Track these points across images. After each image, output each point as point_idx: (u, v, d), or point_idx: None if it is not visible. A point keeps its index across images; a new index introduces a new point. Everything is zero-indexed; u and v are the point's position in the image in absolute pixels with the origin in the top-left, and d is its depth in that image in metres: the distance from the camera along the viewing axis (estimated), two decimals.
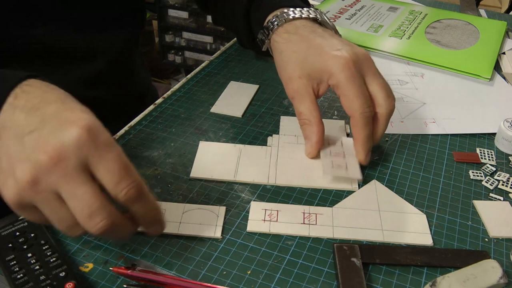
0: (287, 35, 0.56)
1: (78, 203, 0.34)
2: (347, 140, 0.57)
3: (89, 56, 0.64)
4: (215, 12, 0.77)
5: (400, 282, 0.43)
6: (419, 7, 1.00)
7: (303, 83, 0.53)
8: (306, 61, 0.53)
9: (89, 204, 0.34)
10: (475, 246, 0.47)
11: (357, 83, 0.51)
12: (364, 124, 0.51)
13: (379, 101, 0.52)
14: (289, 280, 0.43)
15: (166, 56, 2.38)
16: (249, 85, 0.71)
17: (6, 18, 0.54)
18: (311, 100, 0.53)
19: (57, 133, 0.34)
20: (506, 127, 0.60)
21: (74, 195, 0.34)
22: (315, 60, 0.53)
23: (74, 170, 0.34)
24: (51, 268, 0.40)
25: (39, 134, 0.34)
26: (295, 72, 0.54)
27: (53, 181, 0.34)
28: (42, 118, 0.35)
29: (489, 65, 0.78)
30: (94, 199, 0.34)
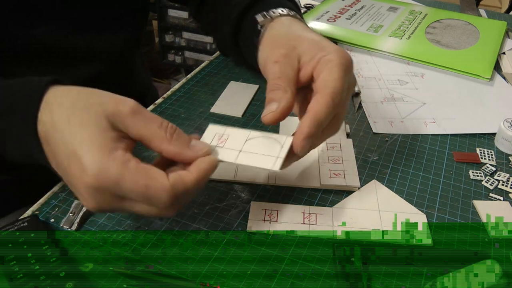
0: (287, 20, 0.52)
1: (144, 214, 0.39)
2: (346, 142, 0.57)
3: (89, 56, 0.64)
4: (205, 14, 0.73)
5: (400, 282, 0.43)
6: (419, 7, 1.00)
7: (295, 53, 0.46)
8: (306, 38, 0.47)
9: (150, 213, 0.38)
10: (475, 246, 0.47)
11: (347, 78, 0.45)
12: (328, 104, 0.42)
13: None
14: (289, 280, 0.43)
15: (166, 56, 2.38)
16: (249, 85, 0.71)
17: (6, 18, 0.54)
18: (294, 71, 0.45)
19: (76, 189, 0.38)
20: (506, 127, 0.60)
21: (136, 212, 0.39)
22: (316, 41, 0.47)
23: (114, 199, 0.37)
24: (51, 268, 0.40)
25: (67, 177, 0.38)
26: (291, 42, 0.47)
27: (112, 208, 0.38)
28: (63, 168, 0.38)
29: (489, 65, 0.78)
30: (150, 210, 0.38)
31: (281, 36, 0.49)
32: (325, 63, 0.44)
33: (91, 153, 0.35)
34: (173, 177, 0.37)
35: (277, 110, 0.42)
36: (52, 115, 0.38)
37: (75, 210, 0.47)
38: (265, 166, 0.41)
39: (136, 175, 0.35)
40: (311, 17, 0.93)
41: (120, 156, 0.36)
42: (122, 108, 0.37)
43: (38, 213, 0.48)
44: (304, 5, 1.02)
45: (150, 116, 0.39)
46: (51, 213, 0.48)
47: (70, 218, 0.46)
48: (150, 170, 0.37)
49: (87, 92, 0.39)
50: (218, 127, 0.45)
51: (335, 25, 0.90)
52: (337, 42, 0.86)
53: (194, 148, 0.40)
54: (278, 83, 0.44)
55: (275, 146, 0.42)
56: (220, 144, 0.43)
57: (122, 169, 0.35)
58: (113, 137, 0.37)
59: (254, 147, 0.42)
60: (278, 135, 0.43)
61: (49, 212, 0.48)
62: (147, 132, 0.38)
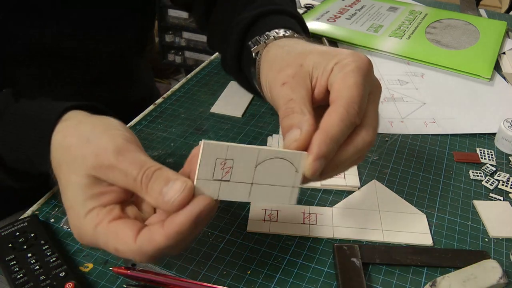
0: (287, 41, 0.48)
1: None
2: None
3: (90, 57, 0.64)
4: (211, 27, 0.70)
5: (400, 282, 0.43)
6: (419, 7, 1.00)
7: (304, 71, 0.40)
8: (312, 51, 0.42)
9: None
10: (475, 246, 0.47)
11: (367, 84, 0.39)
12: (342, 117, 0.36)
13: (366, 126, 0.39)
14: (289, 280, 0.43)
15: (166, 56, 2.38)
16: None
17: (6, 18, 0.54)
18: (308, 90, 0.39)
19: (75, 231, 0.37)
20: (506, 127, 0.60)
21: None
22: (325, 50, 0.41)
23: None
24: (51, 268, 0.40)
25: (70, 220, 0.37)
26: (296, 60, 0.41)
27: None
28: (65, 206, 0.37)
29: (489, 65, 0.78)
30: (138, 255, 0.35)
31: (282, 58, 0.43)
32: (339, 70, 0.38)
33: (71, 214, 0.36)
34: (141, 237, 0.34)
35: (302, 136, 0.36)
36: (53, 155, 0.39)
37: None
38: (281, 201, 0.36)
39: (106, 237, 0.34)
40: (311, 17, 0.93)
41: (93, 218, 0.35)
42: (101, 161, 0.35)
43: (38, 213, 0.48)
44: (304, 5, 1.02)
45: (129, 165, 0.34)
46: (51, 213, 0.48)
47: None
48: (119, 231, 0.34)
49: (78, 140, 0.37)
50: (216, 147, 0.34)
51: (335, 25, 0.90)
52: (337, 42, 0.86)
53: (166, 196, 0.33)
54: (291, 106, 0.38)
55: (290, 170, 0.36)
56: (225, 177, 0.35)
57: (93, 233, 0.35)
58: (92, 195, 0.35)
59: (266, 175, 0.35)
60: (292, 152, 0.35)
61: (49, 212, 0.48)
62: (126, 186, 0.35)
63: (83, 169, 0.35)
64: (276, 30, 0.48)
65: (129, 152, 0.35)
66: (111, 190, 0.36)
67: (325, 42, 0.84)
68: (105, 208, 0.35)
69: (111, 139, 0.36)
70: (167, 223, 0.33)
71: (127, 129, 0.38)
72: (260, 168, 0.35)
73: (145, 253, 0.34)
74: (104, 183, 0.36)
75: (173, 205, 0.33)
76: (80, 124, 0.39)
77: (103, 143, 0.36)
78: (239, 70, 0.56)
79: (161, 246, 0.33)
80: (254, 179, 0.35)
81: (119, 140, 0.36)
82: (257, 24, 0.53)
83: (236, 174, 0.35)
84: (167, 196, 0.33)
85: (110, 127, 0.37)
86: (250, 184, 0.35)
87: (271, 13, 0.54)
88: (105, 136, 0.36)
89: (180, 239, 0.33)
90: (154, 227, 0.34)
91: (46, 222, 0.47)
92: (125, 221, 0.35)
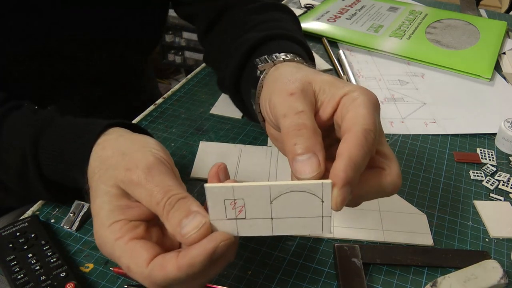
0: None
1: None
2: None
3: (90, 57, 0.64)
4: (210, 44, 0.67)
5: (401, 282, 0.43)
6: (419, 7, 1.00)
7: (311, 89, 0.39)
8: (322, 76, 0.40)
9: None
10: (476, 246, 0.47)
11: (378, 119, 0.37)
12: (362, 143, 0.34)
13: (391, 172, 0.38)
14: (289, 280, 0.43)
15: (166, 56, 2.38)
16: None
17: (6, 18, 0.54)
18: (313, 108, 0.38)
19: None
20: (507, 127, 0.60)
21: None
22: (333, 80, 0.40)
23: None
24: (52, 269, 0.40)
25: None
26: (306, 78, 0.40)
27: None
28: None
29: (489, 65, 0.78)
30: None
31: (291, 73, 0.41)
32: (349, 102, 0.37)
33: (95, 222, 0.36)
34: (153, 262, 0.33)
35: (322, 167, 0.34)
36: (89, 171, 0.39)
37: (75, 210, 0.47)
38: (313, 231, 0.34)
39: (122, 253, 0.34)
40: (311, 17, 0.93)
41: (115, 231, 0.35)
42: (130, 176, 0.35)
43: (39, 214, 0.48)
44: (304, 5, 1.02)
45: (155, 187, 0.35)
46: (52, 213, 0.48)
47: (70, 218, 0.46)
48: (135, 251, 0.34)
49: (114, 153, 0.38)
50: (221, 189, 0.32)
51: (335, 25, 0.90)
52: (337, 42, 0.86)
53: (184, 229, 0.33)
54: (303, 120, 0.35)
55: (313, 201, 0.33)
56: (240, 215, 0.33)
57: (112, 245, 0.35)
58: (119, 206, 0.36)
59: (287, 209, 0.33)
60: (310, 183, 0.32)
61: (50, 213, 0.48)
62: (149, 207, 0.35)
63: (113, 180, 0.36)
64: (285, 54, 0.47)
65: (159, 174, 0.35)
66: (139, 205, 0.36)
67: (325, 42, 0.84)
68: (130, 224, 0.35)
69: (144, 156, 0.36)
70: (181, 254, 0.32)
71: (164, 150, 0.39)
72: (277, 203, 0.33)
73: (154, 280, 0.33)
74: (132, 198, 0.36)
75: (188, 240, 0.33)
76: (119, 138, 0.40)
77: (136, 159, 0.36)
78: (235, 90, 0.55)
79: (170, 276, 0.32)
80: (273, 214, 0.33)
81: (152, 159, 0.36)
82: (263, 46, 0.52)
83: (251, 212, 0.33)
84: (184, 229, 0.33)
85: (147, 145, 0.38)
86: (270, 219, 0.33)
87: (278, 37, 0.53)
88: (139, 152, 0.37)
89: (192, 274, 0.32)
90: (169, 255, 0.33)
91: (47, 223, 0.47)
92: (145, 242, 0.34)
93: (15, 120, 0.46)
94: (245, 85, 0.52)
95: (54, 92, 0.62)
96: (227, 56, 0.57)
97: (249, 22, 0.58)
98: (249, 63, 0.51)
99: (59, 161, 0.43)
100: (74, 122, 0.44)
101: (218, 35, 0.63)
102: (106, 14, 0.62)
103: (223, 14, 0.63)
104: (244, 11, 0.61)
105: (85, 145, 0.40)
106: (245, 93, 0.52)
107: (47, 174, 0.44)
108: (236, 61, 0.53)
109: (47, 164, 0.43)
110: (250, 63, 0.51)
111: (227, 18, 0.62)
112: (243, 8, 0.61)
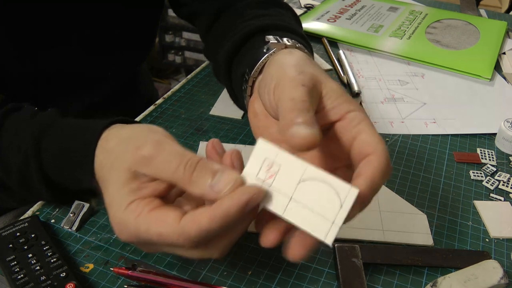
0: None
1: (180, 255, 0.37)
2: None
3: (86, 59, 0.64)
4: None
5: (401, 283, 0.43)
6: (419, 7, 1.00)
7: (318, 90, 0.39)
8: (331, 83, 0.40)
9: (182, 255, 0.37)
10: (476, 247, 0.47)
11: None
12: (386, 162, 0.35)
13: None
14: (289, 280, 0.43)
15: (166, 56, 2.38)
16: None
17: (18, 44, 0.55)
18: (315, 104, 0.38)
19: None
20: (507, 127, 0.60)
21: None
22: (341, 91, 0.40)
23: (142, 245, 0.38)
24: (52, 269, 0.40)
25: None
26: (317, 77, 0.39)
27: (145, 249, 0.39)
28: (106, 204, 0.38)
29: (489, 65, 0.78)
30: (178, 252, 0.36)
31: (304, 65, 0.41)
32: (358, 121, 0.37)
33: (111, 211, 0.36)
34: (185, 219, 0.33)
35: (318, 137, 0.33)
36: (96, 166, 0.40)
37: (75, 210, 0.47)
38: (315, 233, 0.33)
39: (148, 224, 0.34)
40: (311, 17, 0.93)
41: (133, 210, 0.35)
42: (141, 153, 0.36)
43: (39, 214, 0.48)
44: (304, 5, 1.02)
45: (168, 156, 0.35)
46: (52, 213, 0.48)
47: (70, 218, 0.46)
48: (162, 216, 0.34)
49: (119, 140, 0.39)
50: (269, 148, 0.34)
51: (335, 25, 0.90)
52: (337, 42, 0.86)
53: (216, 187, 0.33)
54: (307, 105, 0.35)
55: (333, 201, 0.32)
56: (268, 180, 0.34)
57: (135, 222, 0.35)
58: (132, 189, 0.36)
59: (307, 195, 0.33)
60: (340, 182, 0.32)
61: (50, 213, 0.48)
62: (166, 176, 0.35)
63: (123, 165, 0.36)
64: (295, 41, 0.47)
65: (169, 144, 0.36)
66: (151, 184, 0.36)
67: (325, 42, 0.84)
68: (145, 200, 0.35)
69: (150, 135, 0.37)
70: (214, 206, 0.32)
71: (165, 131, 0.39)
72: (303, 186, 0.33)
73: (188, 235, 0.33)
74: (144, 178, 0.36)
75: (224, 193, 0.33)
76: (122, 129, 0.40)
77: (143, 138, 0.37)
78: (228, 72, 0.54)
79: (204, 227, 0.32)
80: (295, 194, 0.33)
81: (159, 135, 0.37)
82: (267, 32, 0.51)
83: (279, 181, 0.34)
84: (216, 187, 0.33)
85: (151, 129, 0.39)
86: (289, 199, 0.33)
87: (283, 29, 0.53)
88: (144, 133, 0.38)
89: (225, 225, 0.32)
90: (199, 210, 0.33)
91: (47, 223, 0.47)
92: (168, 206, 0.35)
93: (15, 121, 0.46)
94: (240, 59, 0.52)
95: (52, 97, 0.61)
96: (225, 39, 0.56)
97: (251, 14, 0.59)
98: (248, 44, 0.51)
99: (62, 159, 0.43)
100: (76, 122, 0.44)
101: (219, 28, 0.63)
102: (101, 13, 0.62)
103: (225, 10, 0.63)
104: (245, 6, 0.61)
105: (89, 141, 0.40)
106: (238, 74, 0.51)
107: (49, 173, 0.44)
108: (236, 38, 0.52)
109: (49, 162, 0.43)
110: (248, 44, 0.51)
111: (228, 13, 0.63)
112: (243, 2, 0.62)
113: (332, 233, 0.33)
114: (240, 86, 0.50)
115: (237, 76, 0.51)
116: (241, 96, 0.51)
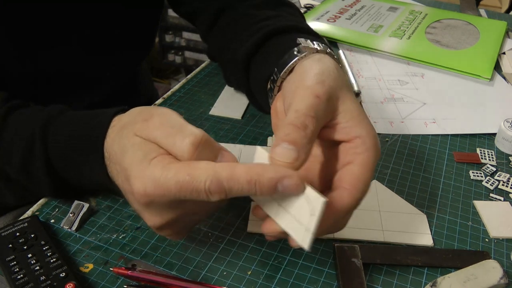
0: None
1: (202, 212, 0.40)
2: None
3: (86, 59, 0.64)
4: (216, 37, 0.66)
5: (401, 283, 0.43)
6: (419, 7, 1.00)
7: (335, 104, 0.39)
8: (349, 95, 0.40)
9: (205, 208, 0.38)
10: (476, 247, 0.47)
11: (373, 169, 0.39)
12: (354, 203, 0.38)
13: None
14: (289, 280, 0.43)
15: (166, 56, 2.38)
16: None
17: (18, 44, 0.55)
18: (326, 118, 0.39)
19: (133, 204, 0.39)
20: (506, 127, 0.60)
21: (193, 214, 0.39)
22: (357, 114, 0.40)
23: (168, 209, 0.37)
24: (51, 269, 0.40)
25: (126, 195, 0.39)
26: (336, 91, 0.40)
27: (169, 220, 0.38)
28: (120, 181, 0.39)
29: (489, 65, 0.78)
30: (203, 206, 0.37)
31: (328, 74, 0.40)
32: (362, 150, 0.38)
33: (132, 173, 0.36)
34: (221, 163, 0.34)
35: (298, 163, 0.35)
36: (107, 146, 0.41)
37: (75, 210, 0.47)
38: (295, 238, 0.35)
39: (177, 169, 0.34)
40: (311, 17, 0.93)
41: (158, 162, 0.35)
42: (144, 116, 0.38)
43: (38, 214, 0.48)
44: (304, 5, 1.02)
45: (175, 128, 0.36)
46: (51, 213, 0.48)
47: (70, 218, 0.46)
48: (191, 163, 0.34)
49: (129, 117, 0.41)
50: (266, 156, 0.36)
51: (335, 25, 0.90)
52: (337, 42, 0.86)
53: (278, 154, 0.34)
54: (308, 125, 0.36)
55: (305, 208, 0.34)
56: None
57: (162, 172, 0.34)
58: (151, 148, 0.36)
59: (289, 202, 0.35)
60: (312, 192, 0.34)
61: (49, 213, 0.48)
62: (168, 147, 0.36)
63: (133, 131, 0.37)
64: (325, 46, 0.47)
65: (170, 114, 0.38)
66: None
67: (325, 42, 0.84)
68: (169, 155, 0.35)
69: (159, 108, 0.39)
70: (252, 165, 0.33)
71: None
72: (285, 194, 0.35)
73: (219, 176, 0.32)
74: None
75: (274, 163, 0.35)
76: (131, 110, 0.42)
77: (150, 111, 0.38)
78: (246, 74, 0.54)
79: (236, 176, 0.33)
80: (280, 200, 0.35)
81: (167, 109, 0.39)
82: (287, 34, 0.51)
83: None
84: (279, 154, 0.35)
85: (159, 107, 0.40)
86: (277, 203, 0.36)
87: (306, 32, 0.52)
88: (152, 108, 0.39)
89: (253, 187, 0.33)
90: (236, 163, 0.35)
91: (46, 223, 0.47)
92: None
93: (21, 116, 0.46)
94: (264, 58, 0.51)
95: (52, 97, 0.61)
96: (239, 40, 0.56)
97: (261, 14, 0.58)
98: (269, 44, 0.52)
99: (70, 144, 0.43)
100: (85, 112, 0.45)
101: (224, 28, 0.62)
102: (101, 13, 0.62)
103: (225, 10, 0.63)
104: (249, 6, 0.61)
105: (102, 123, 0.42)
106: (260, 67, 0.51)
107: (52, 159, 0.44)
108: (256, 39, 0.52)
109: (55, 147, 0.43)
110: (270, 45, 0.51)
111: (231, 12, 0.62)
112: (245, 3, 0.61)
113: (306, 239, 0.34)
114: (261, 86, 0.50)
115: (260, 75, 0.50)
116: (261, 94, 0.51)
